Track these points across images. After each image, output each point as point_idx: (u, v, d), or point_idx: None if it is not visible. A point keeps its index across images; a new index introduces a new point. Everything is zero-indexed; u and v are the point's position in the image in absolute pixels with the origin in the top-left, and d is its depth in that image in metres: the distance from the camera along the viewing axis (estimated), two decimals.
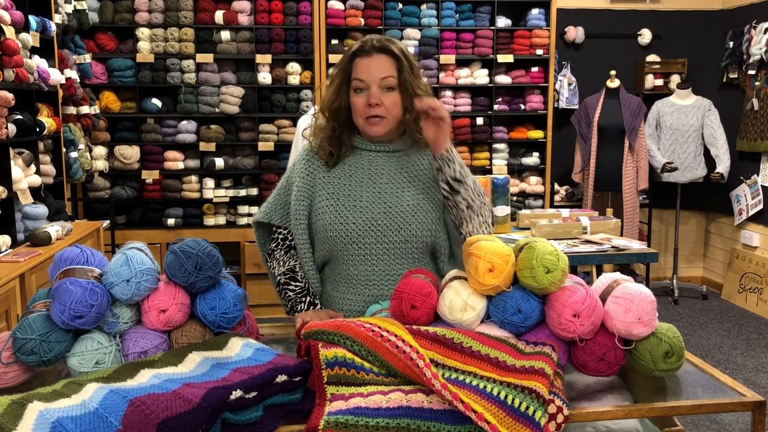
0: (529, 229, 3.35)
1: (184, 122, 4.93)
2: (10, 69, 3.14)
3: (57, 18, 3.96)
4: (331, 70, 1.79)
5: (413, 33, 5.07)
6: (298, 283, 1.78)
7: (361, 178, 1.76)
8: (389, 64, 1.70)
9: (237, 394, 1.15)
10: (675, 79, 5.63)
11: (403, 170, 1.77)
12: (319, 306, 1.78)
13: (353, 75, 1.71)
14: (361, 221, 1.71)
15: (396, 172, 1.77)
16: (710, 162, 5.36)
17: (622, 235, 3.96)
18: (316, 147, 1.80)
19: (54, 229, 3.29)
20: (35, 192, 3.50)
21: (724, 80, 5.55)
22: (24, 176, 3.33)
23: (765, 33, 5.01)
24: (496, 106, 5.27)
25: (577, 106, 5.45)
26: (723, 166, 5.22)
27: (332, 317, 1.63)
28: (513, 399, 1.20)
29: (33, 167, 3.47)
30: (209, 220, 5.00)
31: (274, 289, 1.88)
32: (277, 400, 1.23)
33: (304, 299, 1.76)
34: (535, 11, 5.23)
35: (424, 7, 5.12)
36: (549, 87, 5.29)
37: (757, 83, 5.13)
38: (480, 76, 5.22)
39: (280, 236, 1.84)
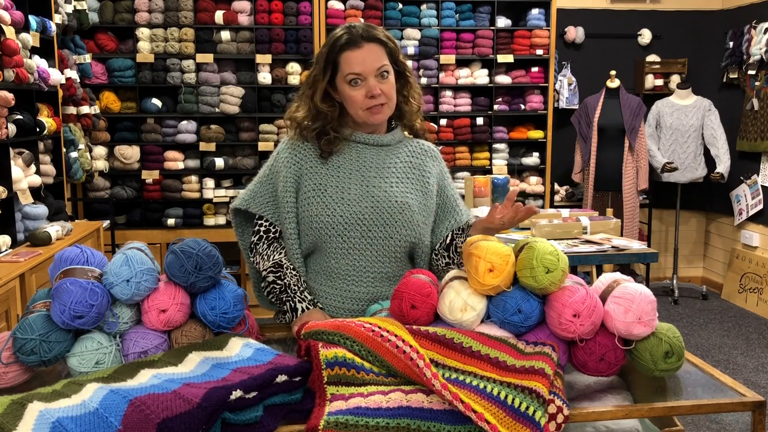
0: (529, 229, 3.35)
1: (184, 122, 4.93)
2: (10, 69, 3.14)
3: (57, 18, 3.96)
4: (314, 68, 1.74)
5: (413, 33, 5.07)
6: (284, 280, 1.71)
7: (349, 170, 1.74)
8: (380, 52, 1.69)
9: (237, 394, 1.15)
10: (675, 79, 5.63)
11: (392, 165, 1.77)
12: (310, 300, 1.71)
13: (346, 69, 1.68)
14: (348, 214, 1.70)
15: (385, 166, 1.76)
16: (710, 162, 5.36)
17: (622, 235, 3.96)
18: (312, 140, 1.76)
19: (54, 229, 3.29)
20: (35, 192, 3.50)
21: (724, 80, 5.55)
22: (24, 176, 3.33)
23: (765, 33, 5.01)
24: (496, 106, 5.27)
25: (577, 106, 5.45)
26: (723, 166, 5.22)
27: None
28: (513, 399, 1.20)
29: (33, 167, 3.47)
30: (209, 220, 5.00)
31: (252, 282, 1.85)
32: (277, 400, 1.23)
33: (292, 297, 1.70)
34: (535, 11, 5.23)
35: (424, 7, 5.11)
36: (549, 87, 5.29)
37: (757, 83, 5.13)
38: (480, 76, 5.22)
39: (262, 228, 1.78)
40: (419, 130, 1.86)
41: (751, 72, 5.17)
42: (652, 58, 5.67)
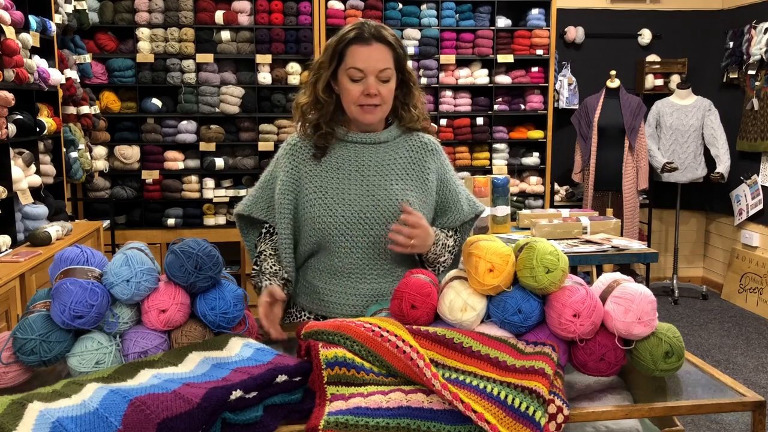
0: (529, 229, 3.35)
1: (184, 122, 4.93)
2: (10, 69, 3.14)
3: (57, 18, 3.96)
4: (321, 56, 1.75)
5: (413, 33, 5.07)
6: (260, 265, 1.82)
7: (348, 170, 1.76)
8: (386, 54, 1.70)
9: (237, 394, 1.15)
10: (675, 79, 5.63)
11: (391, 162, 1.77)
12: (277, 283, 1.77)
13: (349, 63, 1.69)
14: (349, 214, 1.72)
15: (384, 164, 1.77)
16: (710, 162, 5.36)
17: (622, 235, 3.96)
18: (312, 137, 1.78)
19: (54, 229, 3.29)
20: (35, 192, 3.50)
21: (724, 80, 5.55)
22: (24, 176, 3.33)
23: (765, 33, 5.01)
24: (496, 106, 5.27)
25: (577, 106, 5.45)
26: (723, 166, 5.22)
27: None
28: (513, 399, 1.20)
29: (33, 167, 3.47)
30: (209, 220, 5.00)
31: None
32: (277, 400, 1.23)
33: (264, 279, 1.78)
34: (535, 11, 5.23)
35: (424, 7, 5.11)
36: (549, 87, 5.29)
37: (757, 83, 5.13)
38: (480, 76, 5.22)
39: (264, 230, 1.88)
40: (420, 126, 1.86)
41: (751, 72, 5.17)
42: (652, 58, 5.67)
